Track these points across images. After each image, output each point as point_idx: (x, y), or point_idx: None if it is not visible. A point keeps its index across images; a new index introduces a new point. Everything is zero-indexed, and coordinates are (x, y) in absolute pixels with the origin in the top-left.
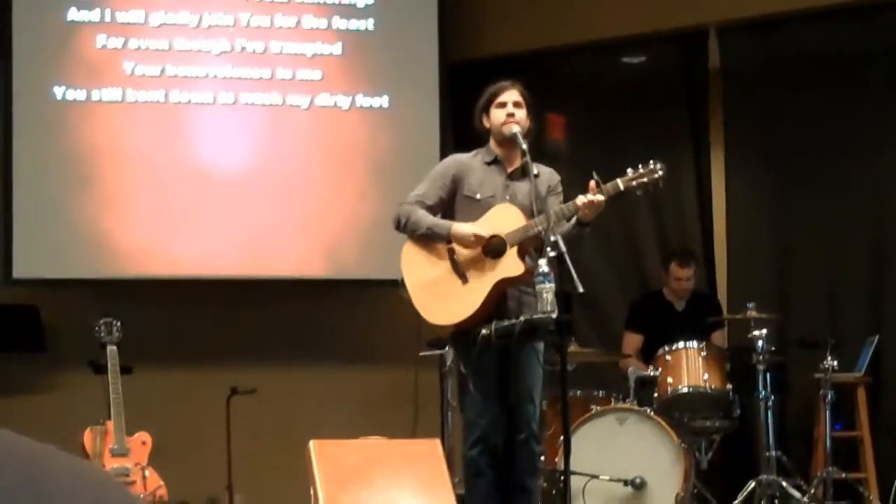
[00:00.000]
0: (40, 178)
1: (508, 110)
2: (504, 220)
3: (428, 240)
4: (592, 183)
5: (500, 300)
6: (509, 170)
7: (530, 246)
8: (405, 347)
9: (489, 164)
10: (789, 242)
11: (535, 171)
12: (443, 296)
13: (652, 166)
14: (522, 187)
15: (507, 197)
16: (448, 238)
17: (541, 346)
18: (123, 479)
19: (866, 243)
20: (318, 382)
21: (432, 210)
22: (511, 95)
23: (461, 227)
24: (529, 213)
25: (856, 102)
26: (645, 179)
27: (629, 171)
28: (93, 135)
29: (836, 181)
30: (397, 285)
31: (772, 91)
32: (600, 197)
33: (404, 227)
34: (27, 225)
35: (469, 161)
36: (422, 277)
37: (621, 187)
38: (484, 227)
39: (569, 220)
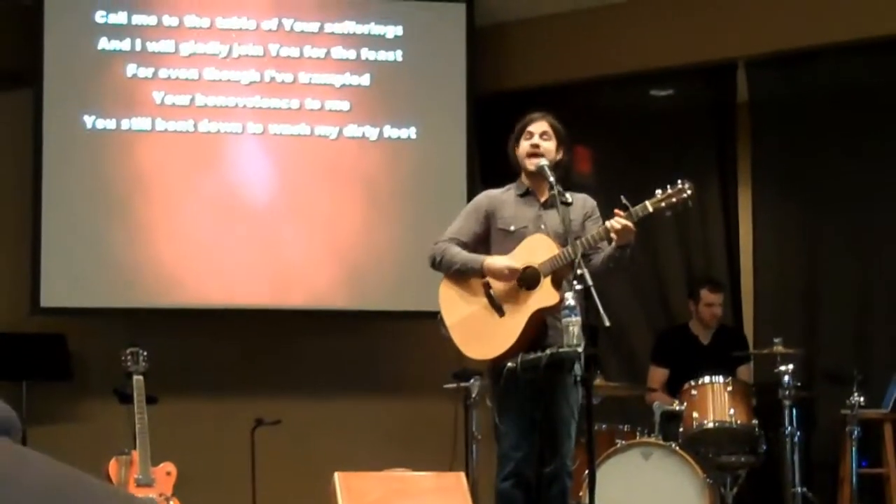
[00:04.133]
0: (69, 207)
1: (533, 141)
2: (537, 250)
3: (462, 275)
4: (618, 210)
5: (539, 330)
6: (542, 199)
7: (565, 274)
8: (430, 379)
9: (521, 196)
10: (816, 277)
11: (570, 199)
12: (481, 331)
13: (680, 185)
14: (555, 216)
15: (542, 227)
16: (482, 272)
17: (572, 382)
18: None
19: (894, 278)
20: (343, 414)
21: (467, 246)
22: (539, 126)
23: (494, 261)
24: (563, 242)
25: (884, 136)
26: (673, 199)
27: (657, 192)
28: (122, 164)
29: (864, 215)
30: (423, 317)
31: (799, 125)
32: (628, 222)
33: (439, 264)
34: (55, 253)
35: (501, 195)
36: (460, 314)
37: (650, 209)
38: (518, 258)
39: (609, 242)
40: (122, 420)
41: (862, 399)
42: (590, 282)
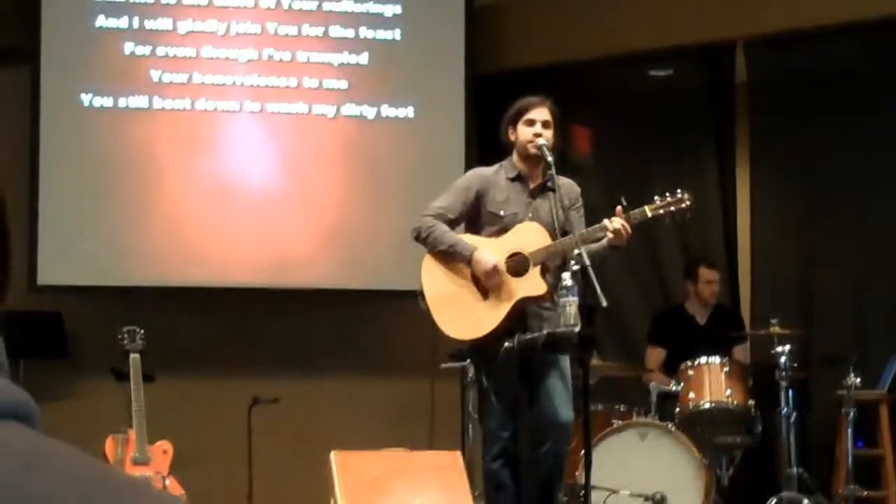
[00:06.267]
0: (66, 184)
1: (536, 130)
2: (528, 237)
3: (448, 257)
4: (619, 209)
5: (520, 316)
6: (532, 186)
7: (553, 264)
8: (427, 359)
9: (512, 180)
10: (814, 257)
11: (556, 185)
12: (463, 310)
13: (680, 195)
14: (545, 204)
15: (530, 214)
16: (468, 262)
17: (566, 358)
18: None
19: (891, 259)
20: (340, 393)
21: (454, 223)
22: (541, 114)
23: (482, 256)
24: (552, 230)
25: (882, 118)
26: (672, 208)
27: (657, 198)
28: (119, 141)
29: (862, 196)
30: (419, 296)
31: (797, 105)
32: (626, 225)
33: (424, 240)
34: (52, 231)
35: (492, 176)
36: (442, 290)
37: (649, 214)
38: (508, 244)
39: (597, 241)
40: (118, 398)
41: (858, 380)
42: (587, 262)
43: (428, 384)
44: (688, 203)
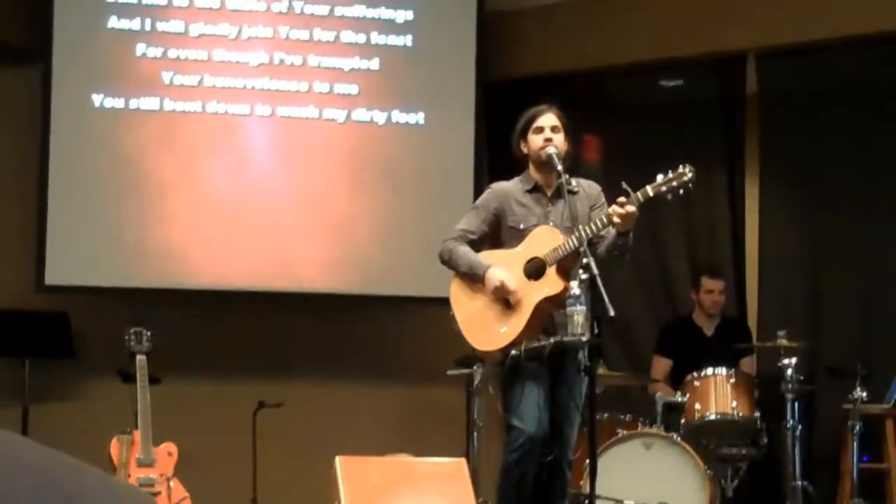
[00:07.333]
0: (75, 185)
1: (546, 135)
2: (543, 241)
3: (468, 278)
4: (621, 199)
5: (545, 321)
6: (549, 194)
7: (572, 264)
8: (433, 365)
9: (529, 191)
10: (821, 270)
11: (576, 188)
12: (489, 323)
13: (681, 170)
14: (562, 208)
15: (550, 222)
16: (483, 282)
17: (578, 373)
18: (149, 489)
19: None
20: (346, 398)
21: (477, 242)
22: (548, 120)
23: (491, 274)
24: (570, 233)
25: (892, 131)
26: (674, 183)
27: (659, 176)
28: (129, 143)
29: (871, 209)
30: (428, 303)
31: (808, 117)
32: (631, 208)
33: (448, 263)
34: (61, 231)
35: (510, 190)
36: (469, 309)
37: (651, 194)
38: (524, 251)
39: (613, 226)
40: (124, 399)
41: (864, 394)
42: (595, 271)
43: (434, 390)
44: (689, 175)
